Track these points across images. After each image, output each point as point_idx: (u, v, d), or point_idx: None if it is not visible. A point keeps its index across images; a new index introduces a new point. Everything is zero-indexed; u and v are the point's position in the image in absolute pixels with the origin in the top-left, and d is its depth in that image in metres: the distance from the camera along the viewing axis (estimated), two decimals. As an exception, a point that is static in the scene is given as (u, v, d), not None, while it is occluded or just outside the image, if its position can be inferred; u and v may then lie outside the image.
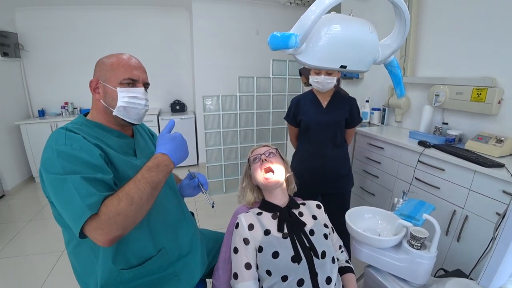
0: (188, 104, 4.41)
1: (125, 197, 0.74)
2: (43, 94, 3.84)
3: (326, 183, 1.71)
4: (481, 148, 1.64)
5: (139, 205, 0.75)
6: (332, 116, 1.64)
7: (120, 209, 0.72)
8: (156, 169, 0.82)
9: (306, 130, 1.70)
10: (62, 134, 0.79)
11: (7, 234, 2.42)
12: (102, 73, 0.89)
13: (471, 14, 1.85)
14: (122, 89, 0.88)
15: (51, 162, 0.74)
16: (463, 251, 1.56)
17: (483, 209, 1.44)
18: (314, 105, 1.67)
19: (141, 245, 0.89)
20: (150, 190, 0.78)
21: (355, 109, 1.66)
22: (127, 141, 0.95)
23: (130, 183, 0.77)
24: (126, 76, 0.89)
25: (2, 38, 3.25)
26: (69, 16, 3.71)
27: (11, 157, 3.36)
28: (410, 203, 1.28)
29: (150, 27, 4.03)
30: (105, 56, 0.93)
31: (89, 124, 0.89)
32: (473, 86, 1.78)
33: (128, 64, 0.90)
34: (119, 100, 0.88)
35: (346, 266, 1.09)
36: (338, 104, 1.66)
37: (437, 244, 0.98)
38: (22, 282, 1.89)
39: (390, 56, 0.74)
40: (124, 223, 0.73)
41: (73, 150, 0.75)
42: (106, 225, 0.71)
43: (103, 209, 0.71)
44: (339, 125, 1.65)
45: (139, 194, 0.75)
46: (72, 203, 0.70)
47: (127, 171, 0.85)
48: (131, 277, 0.88)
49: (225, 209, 2.55)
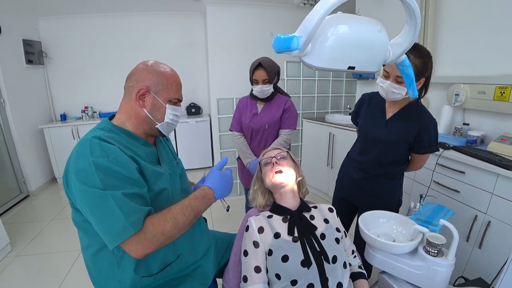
0: (203, 107, 4.47)
1: (172, 220, 0.79)
2: (64, 98, 4.01)
3: (360, 198, 1.50)
4: (505, 150, 1.56)
5: (181, 230, 0.82)
6: (390, 132, 1.31)
7: (165, 230, 0.77)
8: (202, 200, 0.90)
9: (361, 136, 1.49)
10: (97, 145, 0.77)
11: (30, 233, 2.53)
12: (154, 84, 0.89)
13: (493, 8, 1.77)
14: (170, 106, 0.93)
15: (87, 175, 0.73)
16: (485, 259, 1.48)
17: (507, 214, 1.37)
18: (377, 111, 1.38)
19: (162, 253, 0.91)
20: (193, 218, 0.86)
21: (426, 134, 1.25)
22: (151, 150, 0.96)
23: (178, 208, 0.83)
24: (177, 96, 0.94)
25: (27, 47, 3.41)
26: (89, 24, 3.87)
27: (35, 160, 3.51)
28: (428, 207, 1.23)
29: (166, 32, 4.13)
30: (152, 62, 0.92)
31: (116, 130, 0.88)
32: (496, 84, 1.70)
33: (178, 84, 0.95)
34: (166, 116, 0.93)
35: (358, 271, 1.06)
36: (405, 121, 1.28)
37: (455, 251, 0.94)
38: (43, 278, 1.97)
39: (401, 55, 0.72)
40: (164, 242, 0.78)
41: (109, 163, 0.75)
42: (149, 242, 0.75)
43: (150, 228, 0.75)
44: (394, 146, 1.32)
45: (184, 220, 0.82)
46: (113, 219, 0.72)
47: (155, 180, 0.87)
48: (150, 282, 0.90)
49: (241, 212, 2.57)
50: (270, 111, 1.81)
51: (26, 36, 3.43)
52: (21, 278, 1.99)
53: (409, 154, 1.37)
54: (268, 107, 1.82)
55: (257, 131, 1.81)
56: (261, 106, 1.84)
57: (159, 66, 0.92)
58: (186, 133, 4.01)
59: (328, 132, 2.84)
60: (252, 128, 1.81)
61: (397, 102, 1.30)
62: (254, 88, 1.74)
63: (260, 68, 1.70)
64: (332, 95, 3.50)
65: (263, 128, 1.80)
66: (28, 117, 3.44)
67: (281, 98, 1.85)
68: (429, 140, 1.27)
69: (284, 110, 1.82)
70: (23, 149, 3.26)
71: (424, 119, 1.26)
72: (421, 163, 1.39)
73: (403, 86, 1.18)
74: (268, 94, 1.77)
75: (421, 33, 2.18)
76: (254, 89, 1.75)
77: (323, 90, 3.46)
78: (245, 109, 1.86)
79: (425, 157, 1.36)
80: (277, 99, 1.84)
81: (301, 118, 3.36)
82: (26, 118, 3.40)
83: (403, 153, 1.34)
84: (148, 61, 0.93)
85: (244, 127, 1.84)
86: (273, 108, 1.82)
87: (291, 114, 1.84)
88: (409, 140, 1.28)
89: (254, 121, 1.81)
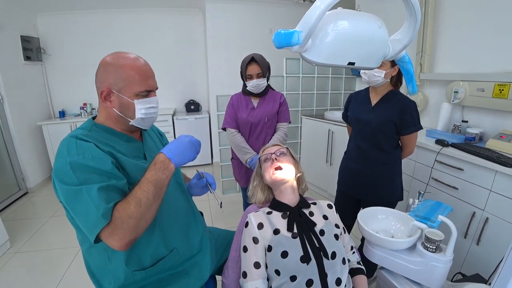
0: (202, 104, 4.46)
1: (133, 200, 0.75)
2: (63, 95, 3.99)
3: (362, 188, 1.58)
4: (503, 147, 1.57)
5: (146, 206, 0.76)
6: (376, 115, 1.47)
7: (130, 212, 0.73)
8: (154, 167, 0.83)
9: (353, 127, 1.63)
10: (73, 143, 0.78)
11: (29, 229, 2.53)
12: (114, 82, 0.83)
13: (492, 6, 1.77)
14: (139, 101, 0.86)
15: (64, 173, 0.74)
16: (483, 255, 1.49)
17: (505, 211, 1.38)
18: (363, 101, 1.56)
19: (153, 247, 0.90)
20: (154, 189, 0.79)
21: (409, 114, 1.40)
22: (136, 145, 0.95)
23: (136, 187, 0.79)
24: (143, 88, 0.86)
25: (25, 43, 3.39)
26: (87, 20, 3.84)
27: (34, 156, 3.51)
28: (426, 204, 1.24)
29: (165, 28, 4.11)
30: (111, 56, 0.85)
31: (98, 128, 0.88)
32: (495, 81, 1.70)
33: (143, 74, 0.86)
34: (137, 112, 0.87)
35: (357, 267, 1.06)
36: (388, 105, 1.46)
37: (453, 247, 0.94)
38: (43, 274, 1.97)
39: (401, 52, 0.72)
40: (137, 225, 0.74)
41: (85, 160, 0.75)
42: (120, 229, 0.72)
43: (116, 214, 0.73)
44: (382, 127, 1.46)
45: (145, 195, 0.77)
46: (87, 213, 0.71)
47: (138, 175, 0.84)
48: (143, 276, 0.90)
49: (239, 208, 2.58)
50: (267, 105, 1.82)
51: (24, 32, 3.40)
52: (21, 274, 2.00)
53: (399, 137, 1.49)
54: (264, 101, 1.83)
55: (257, 125, 1.81)
56: (256, 101, 1.84)
57: (118, 59, 0.84)
58: (185, 130, 4.01)
59: (327, 129, 2.84)
60: (251, 122, 1.81)
61: (379, 91, 1.48)
62: (249, 84, 1.74)
63: (253, 63, 1.70)
64: (331, 92, 3.50)
65: (262, 121, 1.80)
66: (26, 114, 3.42)
67: (274, 92, 1.88)
68: (412, 118, 1.41)
69: (281, 103, 1.85)
70: (21, 146, 3.26)
71: (403, 101, 1.43)
72: (411, 146, 1.51)
73: (382, 70, 1.37)
74: (263, 88, 1.77)
75: (421, 30, 2.18)
76: (249, 84, 1.74)
77: (322, 87, 3.46)
78: (240, 105, 1.85)
79: (413, 139, 1.48)
80: (271, 93, 1.86)
81: (300, 115, 3.36)
82: (25, 115, 3.39)
83: (392, 135, 1.47)
84: (107, 56, 0.86)
85: (242, 123, 1.83)
86: (270, 102, 1.83)
87: (287, 108, 1.88)
88: (394, 120, 1.42)
89: (253, 115, 1.81)
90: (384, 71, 1.37)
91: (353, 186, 1.62)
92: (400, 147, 1.53)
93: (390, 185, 1.54)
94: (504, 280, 0.54)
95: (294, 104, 3.35)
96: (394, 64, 1.38)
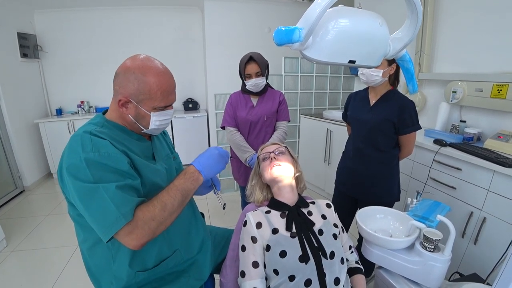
0: (200, 102, 4.44)
1: (159, 203, 0.78)
2: (60, 93, 3.96)
3: (359, 187, 1.59)
4: (501, 147, 1.57)
5: (170, 211, 0.79)
6: (375, 115, 1.47)
7: (155, 215, 0.75)
8: (184, 177, 0.88)
9: (352, 127, 1.63)
10: (88, 140, 0.76)
11: (26, 228, 2.51)
12: (135, 94, 0.81)
13: (491, 6, 1.77)
14: (156, 113, 0.86)
15: (79, 170, 0.72)
16: (480, 255, 1.50)
17: (503, 211, 1.38)
18: (362, 101, 1.56)
19: (157, 248, 0.90)
20: (181, 197, 0.83)
21: (407, 113, 1.40)
22: (146, 145, 0.94)
23: (164, 191, 0.82)
24: (163, 104, 0.86)
25: (22, 40, 3.36)
26: (85, 17, 3.81)
27: (31, 155, 3.48)
28: (424, 203, 1.24)
29: (163, 26, 4.08)
30: (134, 62, 0.82)
31: (109, 125, 0.86)
32: (494, 82, 1.71)
33: (165, 90, 0.84)
34: (151, 123, 0.87)
35: (355, 267, 1.06)
36: (387, 104, 1.45)
37: (451, 247, 0.94)
38: (39, 273, 1.96)
39: (402, 50, 0.71)
40: (156, 228, 0.76)
41: (101, 158, 0.74)
42: (141, 230, 0.73)
43: (139, 215, 0.73)
44: (381, 127, 1.45)
45: (171, 201, 0.80)
46: (106, 211, 0.71)
47: (149, 176, 0.85)
48: (145, 277, 0.90)
49: (237, 207, 2.57)
50: (266, 104, 1.81)
51: (21, 29, 3.37)
52: (17, 273, 1.98)
53: (397, 137, 1.48)
54: (263, 100, 1.82)
55: (256, 123, 1.81)
56: (255, 100, 1.83)
57: (141, 69, 0.81)
58: (183, 129, 3.99)
59: (326, 128, 2.84)
60: (250, 121, 1.80)
61: (378, 91, 1.48)
62: (248, 83, 1.73)
63: (252, 62, 1.69)
64: (330, 92, 3.50)
65: (262, 120, 1.80)
66: (23, 111, 3.39)
67: (273, 91, 1.88)
68: (411, 118, 1.40)
69: (280, 102, 1.84)
70: (18, 144, 3.23)
71: (401, 100, 1.42)
72: (409, 146, 1.51)
73: (380, 69, 1.36)
74: (262, 87, 1.76)
75: (420, 30, 2.18)
76: (248, 83, 1.73)
77: (321, 86, 3.46)
78: (239, 104, 1.84)
79: (412, 139, 1.48)
80: (270, 92, 1.86)
81: (299, 114, 3.36)
82: (22, 113, 3.36)
83: (391, 134, 1.46)
84: (129, 60, 0.83)
85: (241, 121, 1.83)
86: (269, 101, 1.82)
87: (286, 106, 1.88)
88: (392, 119, 1.41)
89: (252, 114, 1.80)
90: (381, 70, 1.37)
91: (351, 185, 1.62)
92: (398, 147, 1.52)
93: (387, 185, 1.54)
94: (506, 280, 0.54)
95: (293, 103, 3.35)
96: (391, 63, 1.38)
